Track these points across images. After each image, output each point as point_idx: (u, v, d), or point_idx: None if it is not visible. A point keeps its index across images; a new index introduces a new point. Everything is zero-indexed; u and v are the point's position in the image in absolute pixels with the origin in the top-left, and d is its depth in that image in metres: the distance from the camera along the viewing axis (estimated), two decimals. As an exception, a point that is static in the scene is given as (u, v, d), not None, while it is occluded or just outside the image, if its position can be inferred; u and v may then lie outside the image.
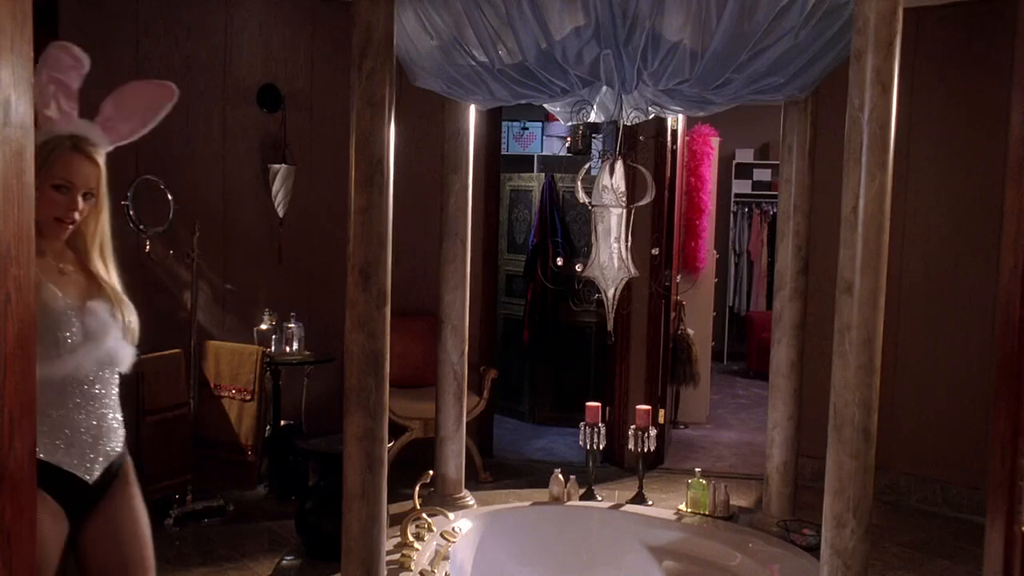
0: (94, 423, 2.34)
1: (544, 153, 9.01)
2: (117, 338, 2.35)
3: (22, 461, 1.65)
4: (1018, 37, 1.38)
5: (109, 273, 2.42)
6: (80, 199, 2.32)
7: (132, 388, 4.91)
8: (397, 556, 3.94)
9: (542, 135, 9.78)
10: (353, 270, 3.26)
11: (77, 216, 2.32)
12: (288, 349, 5.50)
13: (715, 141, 7.64)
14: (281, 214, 5.68)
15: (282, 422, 5.55)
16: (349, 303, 3.30)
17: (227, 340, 5.40)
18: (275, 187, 5.65)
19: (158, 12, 5.36)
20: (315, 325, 5.68)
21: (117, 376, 2.41)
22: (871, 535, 3.26)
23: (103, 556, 2.39)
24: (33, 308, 1.72)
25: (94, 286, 2.38)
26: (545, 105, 4.25)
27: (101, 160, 2.36)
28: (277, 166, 5.63)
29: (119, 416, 2.44)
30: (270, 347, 5.44)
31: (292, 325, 5.54)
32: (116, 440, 2.42)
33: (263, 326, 5.52)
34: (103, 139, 2.39)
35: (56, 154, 2.28)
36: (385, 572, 3.45)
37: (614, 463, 6.05)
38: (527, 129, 9.63)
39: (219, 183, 5.62)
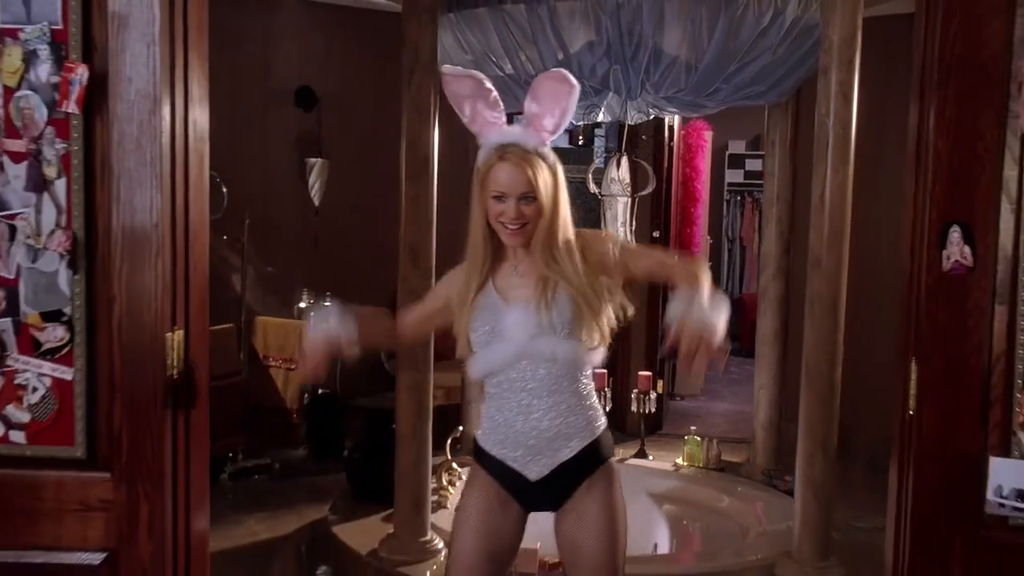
0: (529, 421, 2.32)
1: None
2: (533, 335, 2.27)
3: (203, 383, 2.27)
4: (914, 49, 1.96)
5: (560, 268, 2.30)
6: (517, 204, 2.28)
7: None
8: (435, 498, 4.57)
9: (545, 128, 10.39)
10: (404, 249, 3.89)
11: (519, 222, 2.28)
12: (325, 325, 6.11)
13: (708, 135, 8.25)
14: (317, 204, 6.30)
15: (320, 390, 6.18)
16: (401, 277, 3.92)
17: (269, 317, 6.02)
18: (311, 179, 6.26)
19: (207, 21, 5.96)
20: (347, 303, 6.29)
21: (559, 375, 2.31)
22: (835, 471, 3.89)
23: (566, 547, 2.40)
24: (205, 273, 2.34)
25: (537, 285, 2.31)
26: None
27: (530, 163, 2.28)
28: (313, 160, 6.25)
29: (572, 419, 2.33)
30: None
31: (328, 303, 6.14)
32: (565, 444, 2.33)
33: (302, 304, 6.15)
34: (533, 138, 2.33)
35: (488, 165, 2.33)
36: (430, 502, 4.09)
37: (617, 429, 6.68)
38: (532, 123, 10.23)
39: (261, 176, 6.23)
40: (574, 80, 2.29)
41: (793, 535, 3.93)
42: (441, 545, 4.02)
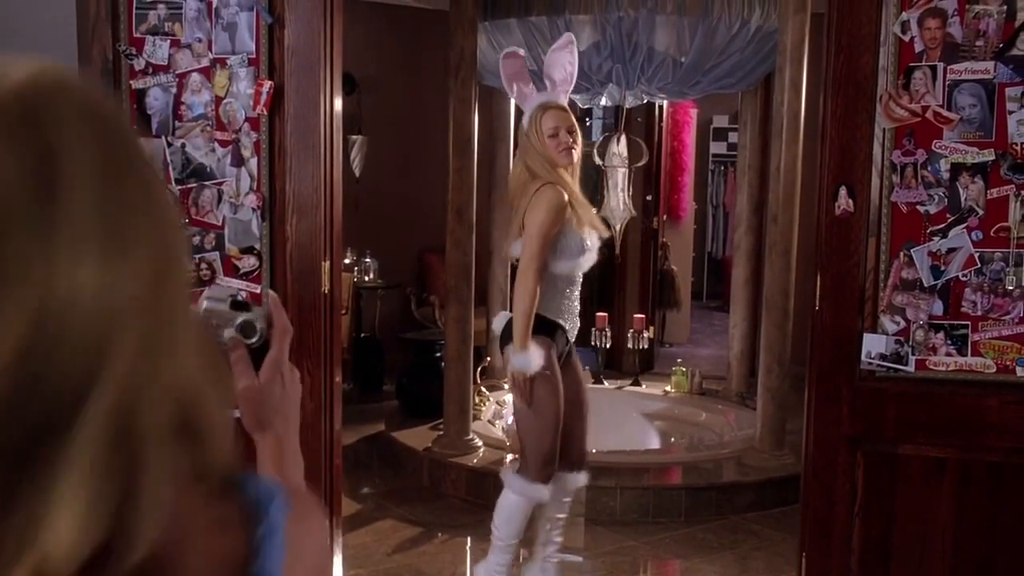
0: (573, 304, 3.62)
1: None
2: (591, 249, 3.55)
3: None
4: (823, 73, 2.97)
5: (574, 186, 3.48)
6: (566, 134, 3.39)
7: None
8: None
9: (545, 104, 11.42)
10: (452, 210, 4.93)
11: (572, 144, 3.40)
12: (366, 278, 7.17)
13: (694, 112, 9.29)
14: (358, 174, 7.32)
15: (362, 334, 7.24)
16: (449, 231, 4.97)
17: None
18: (353, 153, 7.28)
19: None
20: (384, 260, 7.35)
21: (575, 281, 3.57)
22: (788, 380, 4.97)
23: (567, 385, 3.59)
24: (340, 222, 3.37)
25: (586, 214, 3.54)
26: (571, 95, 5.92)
27: (566, 109, 3.49)
28: (355, 137, 7.26)
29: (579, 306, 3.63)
30: (353, 276, 7.11)
31: (368, 260, 7.21)
32: (578, 320, 3.68)
33: (347, 260, 7.18)
34: (560, 97, 3.55)
35: (538, 117, 3.42)
36: (472, 411, 5.16)
37: (614, 368, 7.77)
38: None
39: (309, 150, 7.24)
40: (572, 38, 3.56)
41: (756, 433, 5.03)
42: (480, 443, 5.10)
